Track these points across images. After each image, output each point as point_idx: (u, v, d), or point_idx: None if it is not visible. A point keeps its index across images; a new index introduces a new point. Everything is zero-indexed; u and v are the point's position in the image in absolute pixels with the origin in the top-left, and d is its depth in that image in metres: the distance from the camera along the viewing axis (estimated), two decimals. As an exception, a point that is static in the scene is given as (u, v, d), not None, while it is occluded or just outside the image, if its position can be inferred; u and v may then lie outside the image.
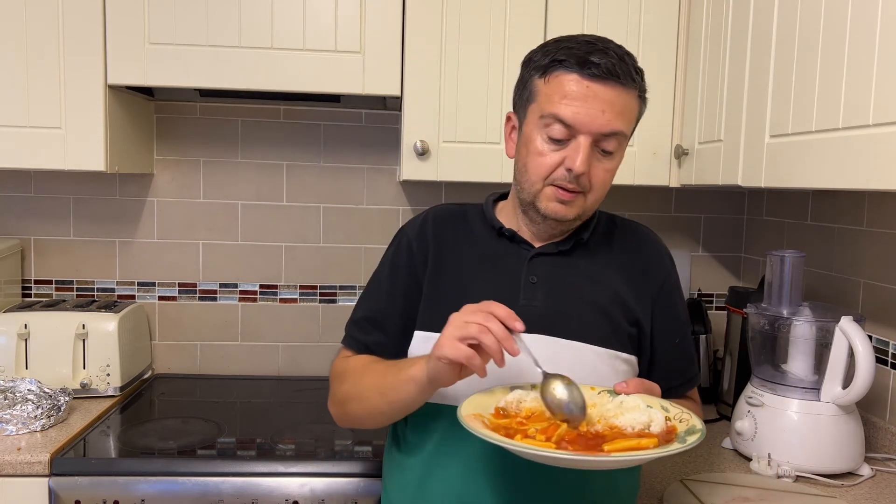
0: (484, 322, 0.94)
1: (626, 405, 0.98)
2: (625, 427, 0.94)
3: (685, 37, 1.69)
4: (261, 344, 2.06)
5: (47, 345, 1.73)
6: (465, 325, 0.95)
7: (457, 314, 0.98)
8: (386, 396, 1.09)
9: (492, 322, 0.95)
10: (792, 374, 1.47)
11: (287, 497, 1.40)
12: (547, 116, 1.09)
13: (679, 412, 0.98)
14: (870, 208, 1.59)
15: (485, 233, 1.23)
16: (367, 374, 1.15)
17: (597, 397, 1.02)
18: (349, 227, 2.05)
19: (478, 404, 0.97)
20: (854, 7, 1.06)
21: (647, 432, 0.92)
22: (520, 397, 1.01)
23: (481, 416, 0.96)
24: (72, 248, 2.00)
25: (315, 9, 1.63)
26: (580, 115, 1.07)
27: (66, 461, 1.41)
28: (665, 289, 1.22)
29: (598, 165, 1.11)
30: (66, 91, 1.61)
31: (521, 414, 0.98)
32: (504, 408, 1.00)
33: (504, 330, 0.95)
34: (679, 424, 0.95)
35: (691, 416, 0.96)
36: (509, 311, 0.97)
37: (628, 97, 1.10)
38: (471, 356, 0.94)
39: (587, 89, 1.07)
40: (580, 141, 1.08)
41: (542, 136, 1.11)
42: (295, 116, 2.02)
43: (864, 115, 1.02)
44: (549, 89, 1.10)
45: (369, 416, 1.15)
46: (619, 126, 1.09)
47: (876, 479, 1.39)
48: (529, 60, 1.15)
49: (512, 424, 0.96)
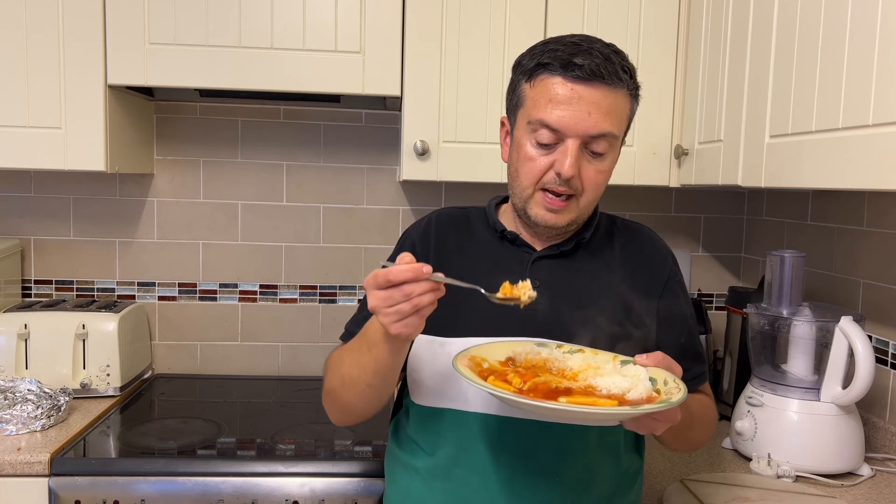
0: (404, 299, 0.92)
1: (627, 372, 0.96)
2: (600, 388, 0.92)
3: (685, 37, 1.69)
4: (261, 344, 2.06)
5: (47, 345, 1.73)
6: (394, 308, 0.92)
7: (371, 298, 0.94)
8: (366, 369, 1.06)
9: (406, 302, 0.92)
10: (792, 374, 1.47)
11: (287, 497, 1.40)
12: (534, 122, 1.09)
13: (675, 387, 0.93)
14: (870, 208, 1.59)
15: (487, 236, 1.23)
16: (343, 357, 1.14)
17: (606, 364, 0.99)
18: (349, 227, 2.05)
19: (489, 351, 0.98)
20: (854, 7, 1.06)
21: (616, 395, 0.90)
22: (531, 351, 1.02)
23: (483, 359, 0.98)
24: (72, 248, 2.00)
25: (315, 9, 1.63)
26: (566, 118, 1.06)
27: (66, 461, 1.41)
28: (669, 288, 1.22)
29: (589, 167, 1.11)
30: (66, 91, 1.61)
31: (522, 365, 0.99)
32: (513, 357, 1.01)
33: (426, 291, 0.92)
34: (661, 397, 0.92)
35: (679, 392, 0.91)
36: (411, 268, 0.91)
37: (616, 97, 1.09)
38: (418, 325, 0.94)
39: (572, 91, 1.06)
40: (568, 144, 1.08)
41: (530, 141, 1.11)
42: (295, 116, 2.02)
43: (864, 115, 1.02)
44: (535, 93, 1.09)
45: (360, 397, 1.12)
46: (606, 127, 1.08)
47: (876, 479, 1.39)
48: (518, 64, 1.15)
49: (507, 372, 0.96)
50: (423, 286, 0.92)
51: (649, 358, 1.00)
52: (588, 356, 1.02)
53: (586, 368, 0.99)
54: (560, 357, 1.02)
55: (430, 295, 0.93)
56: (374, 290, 0.93)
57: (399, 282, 0.91)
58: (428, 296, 0.92)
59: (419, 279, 0.91)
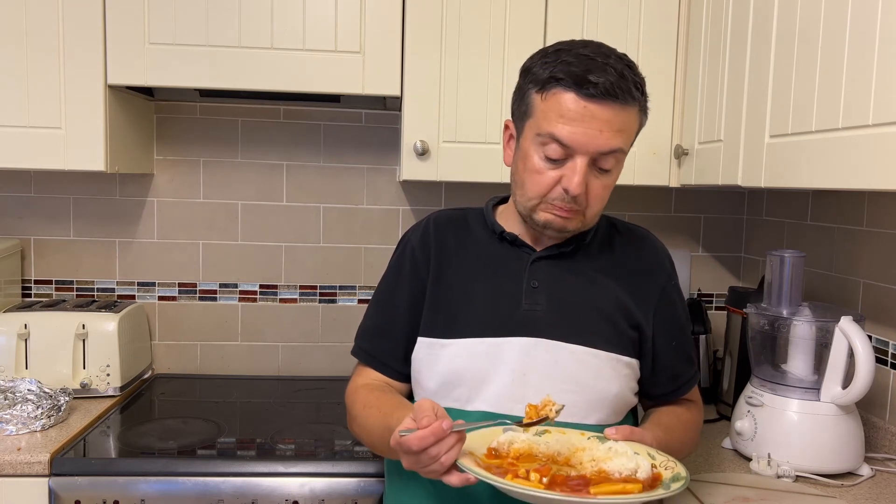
0: (433, 461, 0.92)
1: (616, 450, 1.01)
2: (612, 472, 0.96)
3: (685, 37, 1.69)
4: (261, 344, 2.06)
5: (47, 345, 1.73)
6: (427, 469, 0.93)
7: (402, 460, 0.96)
8: (386, 451, 1.11)
9: (435, 463, 0.92)
10: (792, 374, 1.47)
11: (287, 497, 1.40)
12: (544, 135, 1.08)
13: (665, 460, 1.01)
14: (870, 208, 1.59)
15: (486, 237, 1.23)
16: (369, 416, 1.15)
17: (587, 442, 1.04)
18: (349, 227, 2.05)
19: (469, 444, 0.99)
20: (854, 7, 1.06)
21: (632, 478, 0.95)
22: (511, 438, 1.03)
23: (474, 454, 0.99)
24: (72, 248, 2.00)
25: (315, 9, 1.63)
26: (577, 135, 1.05)
27: (66, 461, 1.41)
28: (666, 292, 1.22)
29: (596, 182, 1.10)
30: (66, 91, 1.61)
31: (510, 455, 1.01)
32: (496, 448, 1.02)
33: (452, 447, 0.92)
34: (665, 472, 0.98)
35: (676, 465, 1.00)
36: (432, 433, 0.91)
37: (627, 114, 1.08)
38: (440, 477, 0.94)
39: (585, 109, 1.05)
40: (577, 162, 1.07)
41: (538, 154, 1.09)
42: (295, 116, 2.02)
43: (864, 115, 1.02)
44: (546, 107, 1.08)
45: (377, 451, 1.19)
46: (616, 144, 1.07)
47: (876, 479, 1.39)
48: (528, 70, 1.13)
49: (504, 465, 0.98)
50: (447, 443, 0.92)
51: (618, 432, 1.03)
52: (561, 436, 1.05)
53: (574, 451, 1.03)
54: (537, 441, 1.04)
55: (458, 446, 0.93)
56: (403, 455, 0.94)
57: (422, 449, 0.91)
58: (455, 449, 0.92)
59: (441, 439, 0.91)
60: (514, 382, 1.11)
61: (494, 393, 1.12)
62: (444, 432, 0.91)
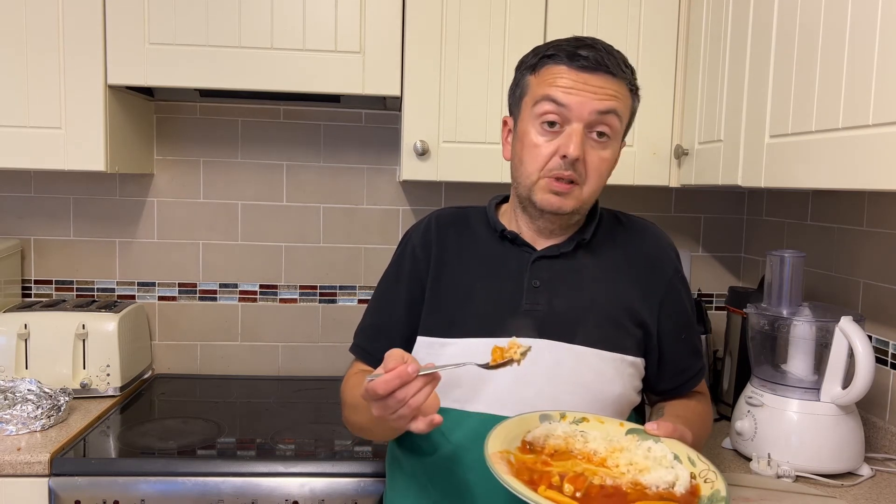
0: (401, 405, 0.91)
1: (654, 455, 0.97)
2: (649, 485, 0.93)
3: (685, 37, 1.69)
4: (261, 344, 2.06)
5: (47, 345, 1.73)
6: (395, 415, 0.92)
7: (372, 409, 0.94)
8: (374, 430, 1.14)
9: (403, 407, 0.91)
10: (792, 374, 1.47)
11: (287, 497, 1.40)
12: (539, 99, 1.11)
13: (706, 469, 0.96)
14: (870, 208, 1.59)
15: (487, 235, 1.23)
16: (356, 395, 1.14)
17: (625, 440, 1.01)
18: (349, 227, 2.05)
19: (505, 436, 0.96)
20: (854, 7, 1.06)
21: (669, 492, 0.92)
22: (547, 432, 1.00)
23: (508, 451, 0.96)
24: (72, 248, 2.00)
25: (315, 9, 1.63)
26: (572, 93, 1.09)
27: (66, 461, 1.41)
28: (672, 285, 1.21)
29: (593, 153, 1.12)
30: (66, 91, 1.61)
31: (545, 450, 0.98)
32: (531, 442, 0.99)
33: (419, 390, 0.91)
34: (703, 484, 0.94)
35: (717, 477, 0.94)
36: (397, 375, 0.90)
37: (619, 85, 1.12)
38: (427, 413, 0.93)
39: (577, 77, 1.10)
40: (573, 127, 1.10)
41: (535, 127, 1.13)
42: (295, 116, 2.02)
43: (864, 115, 1.02)
44: (540, 79, 1.13)
45: (366, 433, 1.20)
46: (611, 105, 1.10)
47: (876, 480, 1.39)
48: (521, 63, 1.18)
49: (537, 464, 0.95)
50: (414, 387, 0.91)
51: (660, 428, 1.01)
52: (600, 427, 1.02)
53: (612, 451, 0.99)
54: (574, 433, 1.01)
55: (426, 389, 0.91)
56: (372, 403, 0.93)
57: (388, 392, 0.90)
58: (423, 392, 0.91)
59: (407, 382, 0.90)
60: (515, 383, 1.11)
61: (494, 394, 1.12)
62: (409, 375, 0.90)
